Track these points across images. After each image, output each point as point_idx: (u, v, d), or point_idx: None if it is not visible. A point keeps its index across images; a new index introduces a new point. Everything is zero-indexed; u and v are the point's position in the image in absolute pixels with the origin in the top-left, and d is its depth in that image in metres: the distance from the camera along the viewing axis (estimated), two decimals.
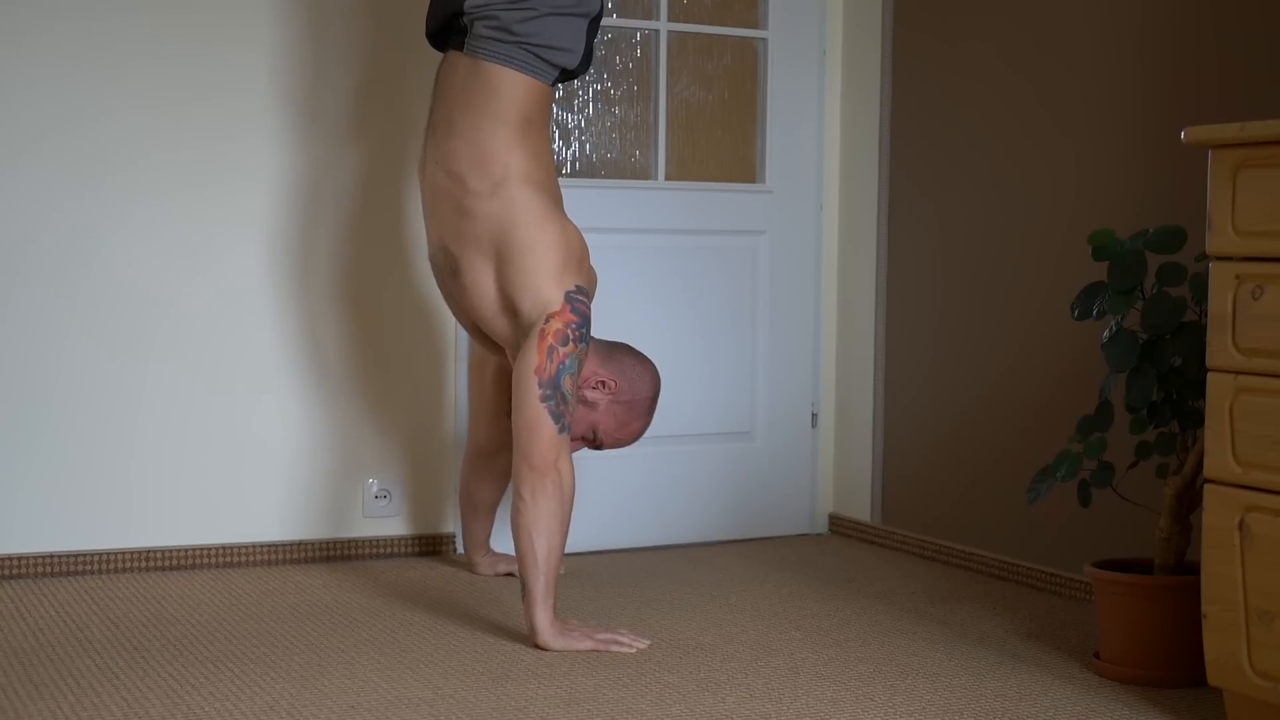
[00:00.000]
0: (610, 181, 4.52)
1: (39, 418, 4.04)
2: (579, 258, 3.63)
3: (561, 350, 3.49)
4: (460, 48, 3.67)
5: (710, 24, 4.68)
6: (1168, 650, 3.21)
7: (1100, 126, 3.91)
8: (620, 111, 4.61)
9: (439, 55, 4.05)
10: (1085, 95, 3.95)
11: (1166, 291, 3.25)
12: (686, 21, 4.64)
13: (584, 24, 3.67)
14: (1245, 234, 2.77)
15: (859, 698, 3.08)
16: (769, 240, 4.73)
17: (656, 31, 4.58)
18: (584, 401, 3.70)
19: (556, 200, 3.68)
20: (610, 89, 4.60)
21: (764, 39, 4.72)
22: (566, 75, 3.73)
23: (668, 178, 4.62)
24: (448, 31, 3.73)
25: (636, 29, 4.60)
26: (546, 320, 3.51)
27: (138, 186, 4.10)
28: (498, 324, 3.66)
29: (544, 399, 3.46)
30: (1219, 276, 2.82)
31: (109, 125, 4.07)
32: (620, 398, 3.73)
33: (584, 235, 4.40)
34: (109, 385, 4.10)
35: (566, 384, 3.48)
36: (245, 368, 4.23)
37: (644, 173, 4.63)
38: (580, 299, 3.56)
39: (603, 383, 3.71)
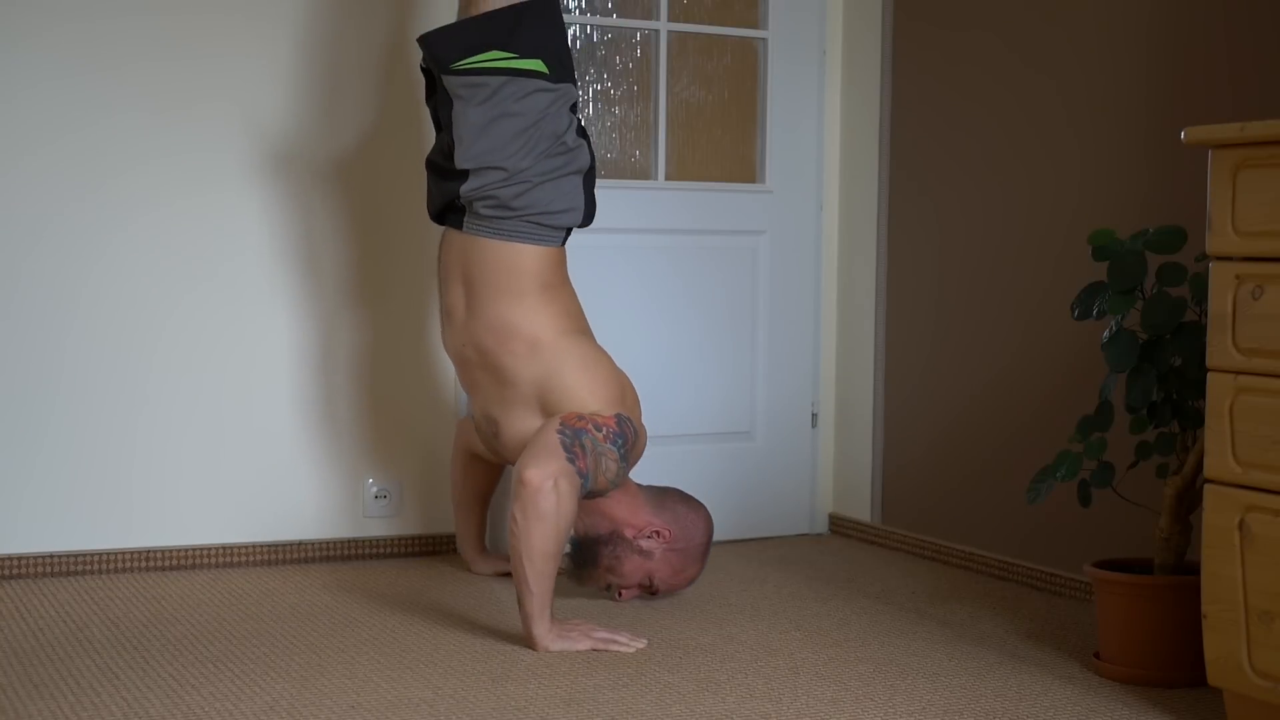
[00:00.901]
0: (610, 181, 4.52)
1: (40, 418, 4.04)
2: (632, 402, 3.67)
3: (593, 429, 3.51)
4: (459, 226, 3.68)
5: (710, 24, 4.68)
6: (1168, 650, 3.21)
7: (1100, 127, 3.91)
8: (620, 111, 4.61)
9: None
10: (1085, 96, 3.95)
11: (1166, 291, 3.25)
12: (686, 21, 4.64)
13: (579, 180, 3.67)
14: (1245, 234, 2.77)
15: (859, 698, 3.08)
16: (769, 240, 4.73)
17: (656, 31, 4.58)
18: (639, 551, 3.73)
19: (596, 344, 3.71)
20: (610, 89, 4.60)
21: (764, 39, 4.72)
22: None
23: (668, 178, 4.62)
24: (447, 211, 3.74)
25: (636, 29, 4.60)
26: (589, 414, 3.55)
27: (139, 188, 4.10)
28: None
29: (559, 432, 3.47)
30: (1219, 276, 2.82)
31: (110, 127, 4.07)
32: (675, 545, 3.75)
33: (584, 235, 4.40)
34: (110, 386, 4.10)
35: (586, 441, 3.48)
36: (245, 368, 4.23)
37: (644, 173, 4.63)
38: (628, 422, 3.58)
39: (657, 532, 3.73)
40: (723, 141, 4.74)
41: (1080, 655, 3.43)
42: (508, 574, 4.13)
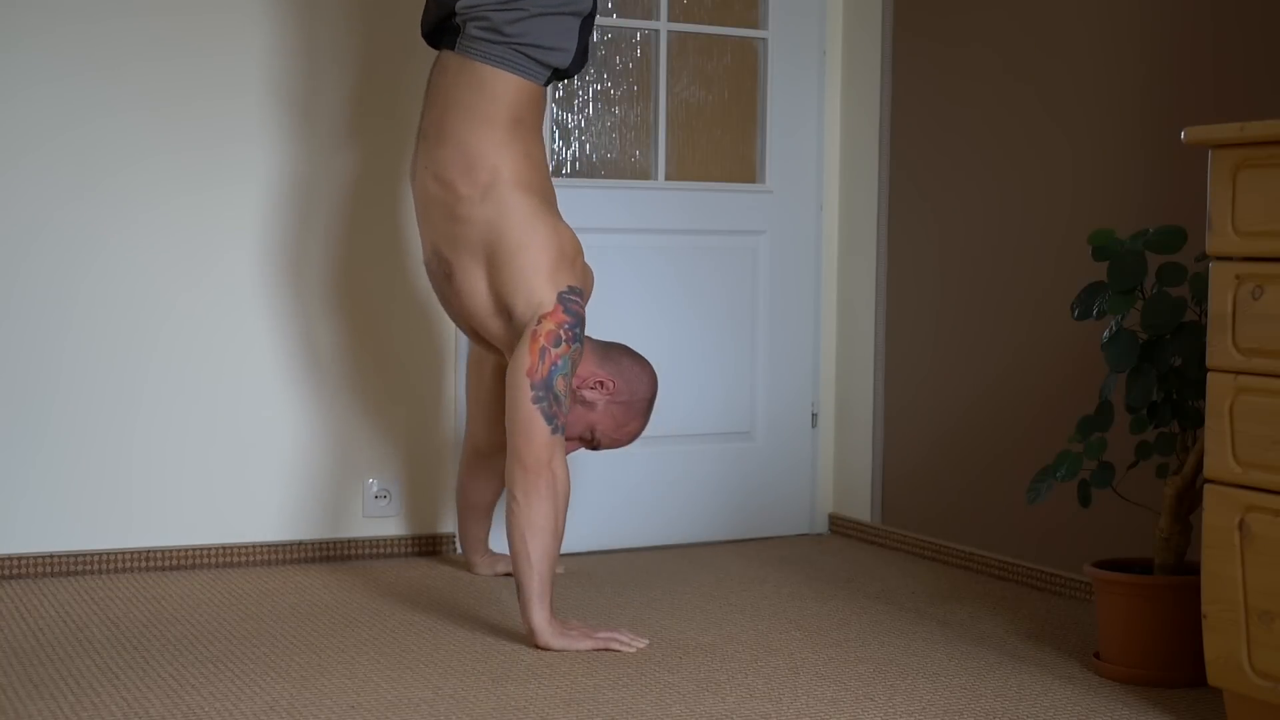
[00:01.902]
0: (610, 181, 4.52)
1: (39, 418, 4.04)
2: (571, 257, 3.62)
3: (554, 351, 3.48)
4: (453, 47, 3.68)
5: (710, 24, 4.68)
6: (1168, 650, 3.21)
7: (1100, 126, 3.91)
8: (620, 111, 4.61)
9: (434, 54, 4.04)
10: (1085, 95, 3.95)
11: (1166, 291, 3.25)
12: (686, 21, 4.64)
13: (576, 22, 3.66)
14: (1245, 234, 2.77)
15: (859, 698, 3.08)
16: (769, 240, 4.73)
17: (656, 31, 4.58)
18: (582, 402, 3.69)
19: (549, 201, 3.68)
20: (610, 89, 4.60)
21: (764, 39, 4.71)
22: (561, 74, 3.72)
23: (668, 178, 4.62)
24: (442, 31, 3.73)
25: (636, 29, 4.60)
26: (539, 321, 3.51)
27: (137, 187, 4.10)
28: (492, 326, 3.66)
29: (536, 400, 3.45)
30: (1219, 276, 2.82)
31: (108, 126, 4.07)
32: (618, 398, 3.72)
33: (584, 235, 4.40)
34: (109, 385, 4.10)
35: (559, 385, 3.47)
36: (245, 368, 4.23)
37: (644, 173, 4.63)
38: (573, 299, 3.56)
39: (600, 383, 3.70)
40: (723, 142, 4.74)
41: (1080, 655, 3.43)
42: (509, 574, 4.13)
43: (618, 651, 3.40)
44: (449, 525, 4.43)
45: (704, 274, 4.65)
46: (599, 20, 4.52)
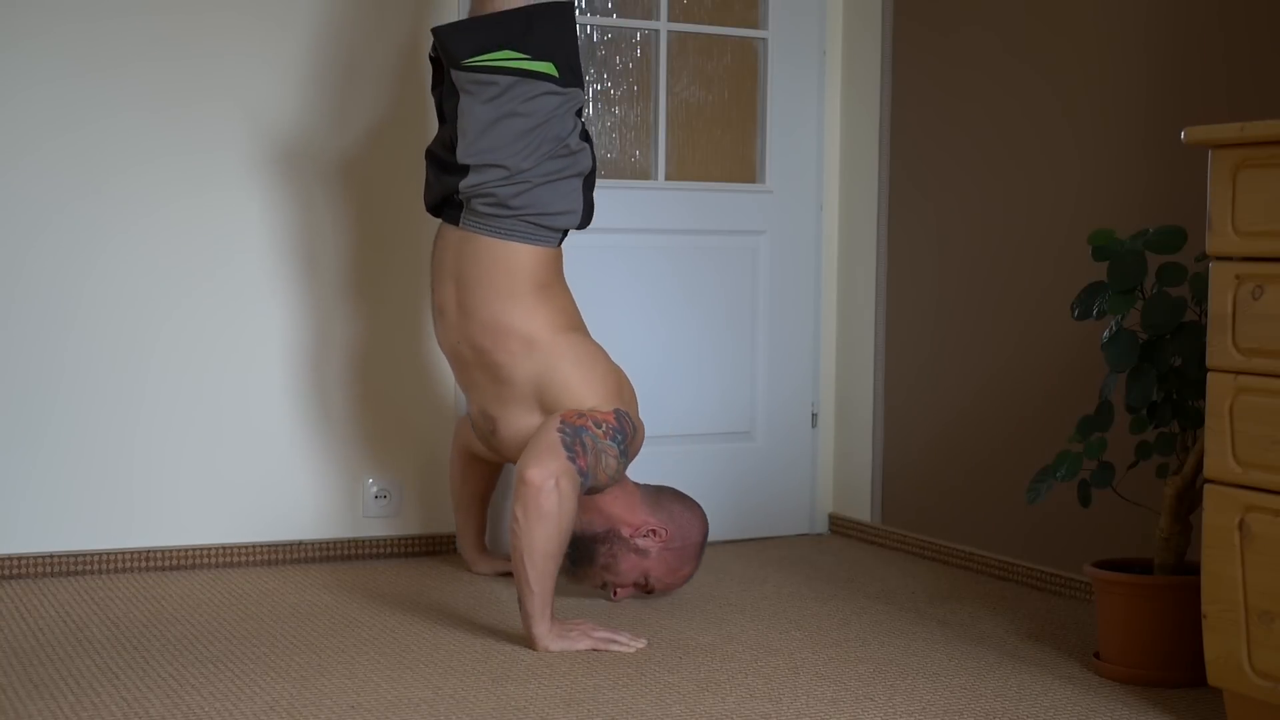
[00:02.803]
0: (610, 181, 4.52)
1: (40, 419, 4.04)
2: (630, 397, 3.67)
3: (593, 426, 3.51)
4: (456, 222, 3.68)
5: (710, 24, 4.68)
6: (1168, 650, 3.21)
7: (1100, 127, 3.91)
8: (620, 111, 4.61)
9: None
10: (1085, 96, 3.95)
11: (1166, 291, 3.25)
12: (686, 21, 4.64)
13: (579, 183, 3.67)
14: (1245, 234, 2.77)
15: (859, 698, 3.08)
16: (769, 240, 4.73)
17: (656, 31, 4.58)
18: (636, 550, 3.73)
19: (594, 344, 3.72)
20: (610, 89, 4.60)
21: (764, 39, 4.72)
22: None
23: (668, 178, 4.62)
24: (443, 205, 3.74)
25: (636, 29, 4.60)
26: (588, 411, 3.55)
27: (139, 188, 4.10)
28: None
29: (560, 430, 3.46)
30: (1219, 276, 2.82)
31: (110, 127, 4.07)
32: (671, 544, 3.76)
33: (584, 235, 4.40)
34: (110, 386, 4.10)
35: (587, 440, 3.48)
36: (245, 368, 4.23)
37: (644, 173, 4.63)
38: (627, 418, 3.59)
39: (653, 530, 3.74)
40: (723, 142, 4.74)
41: (1080, 655, 3.43)
42: (508, 574, 4.13)
43: (617, 652, 3.40)
44: (449, 525, 4.43)
45: (704, 274, 4.65)
46: (599, 21, 4.52)
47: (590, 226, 4.41)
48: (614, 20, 4.55)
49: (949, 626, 3.67)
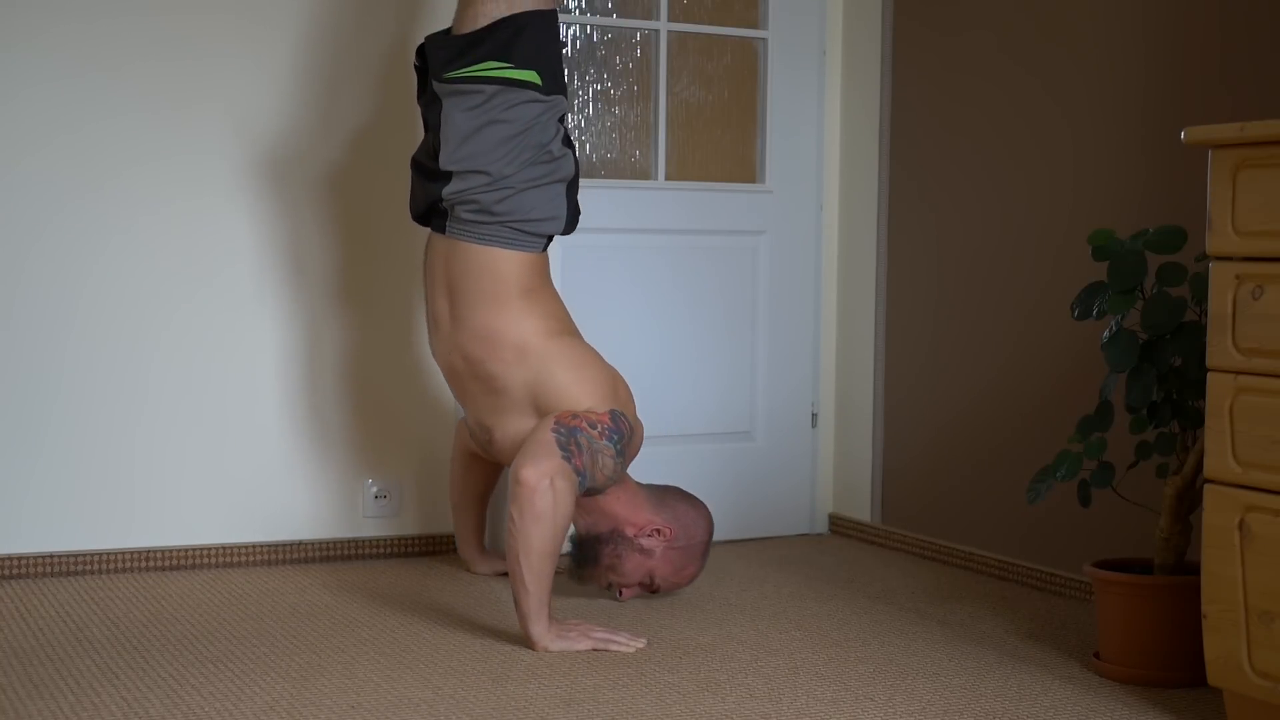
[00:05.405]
0: (610, 181, 4.52)
1: (40, 419, 4.04)
2: (626, 397, 3.67)
3: (587, 427, 3.51)
4: (443, 230, 3.69)
5: (710, 24, 4.68)
6: (1168, 650, 3.21)
7: (1100, 126, 3.91)
8: (620, 111, 4.61)
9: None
10: (1085, 96, 3.95)
11: (1166, 291, 3.25)
12: (686, 21, 4.64)
13: (562, 188, 3.68)
14: (1245, 234, 2.77)
15: (859, 698, 3.08)
16: (769, 240, 4.73)
17: (656, 31, 4.58)
18: (640, 550, 3.73)
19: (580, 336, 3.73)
20: (610, 89, 4.60)
21: (764, 39, 4.72)
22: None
23: (668, 178, 4.62)
24: (429, 213, 3.74)
25: (636, 29, 4.60)
26: (583, 412, 3.55)
27: (139, 189, 4.10)
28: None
29: (554, 431, 3.47)
30: (1219, 276, 2.82)
31: (110, 127, 4.07)
32: (675, 544, 3.76)
33: (584, 235, 4.40)
34: (110, 386, 4.10)
35: (581, 440, 3.48)
36: (246, 368, 4.23)
37: (644, 173, 4.64)
38: (623, 418, 3.59)
39: (657, 530, 3.74)
40: (723, 142, 4.74)
41: (1080, 655, 3.43)
42: (507, 573, 4.13)
43: (617, 651, 3.40)
44: (448, 525, 4.43)
45: (704, 274, 4.65)
46: (599, 21, 4.52)
47: (590, 227, 4.41)
48: (614, 20, 4.56)
49: (949, 626, 3.67)
